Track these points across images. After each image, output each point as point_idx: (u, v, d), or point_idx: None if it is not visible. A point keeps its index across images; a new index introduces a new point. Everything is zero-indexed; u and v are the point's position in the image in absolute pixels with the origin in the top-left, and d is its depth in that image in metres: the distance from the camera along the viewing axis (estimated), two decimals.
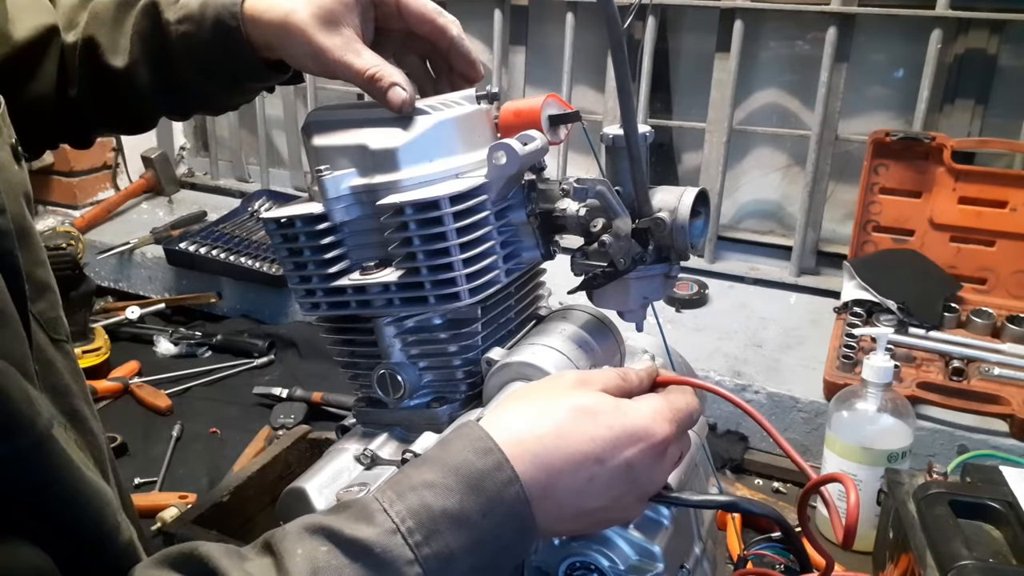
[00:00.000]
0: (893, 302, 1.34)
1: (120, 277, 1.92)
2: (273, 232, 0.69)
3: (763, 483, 1.24)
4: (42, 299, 0.59)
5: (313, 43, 0.65)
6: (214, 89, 0.75)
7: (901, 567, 0.89)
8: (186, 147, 2.32)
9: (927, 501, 0.87)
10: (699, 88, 1.66)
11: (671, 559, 0.64)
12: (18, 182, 0.57)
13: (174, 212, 2.07)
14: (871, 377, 1.05)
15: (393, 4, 0.68)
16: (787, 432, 1.28)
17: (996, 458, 1.09)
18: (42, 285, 0.60)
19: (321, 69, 0.67)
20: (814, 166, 1.54)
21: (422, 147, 0.64)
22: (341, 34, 0.65)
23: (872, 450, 1.04)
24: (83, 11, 0.74)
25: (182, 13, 0.70)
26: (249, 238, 1.82)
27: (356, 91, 0.71)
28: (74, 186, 2.09)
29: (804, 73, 1.59)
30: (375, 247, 0.67)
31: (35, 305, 0.57)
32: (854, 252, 1.46)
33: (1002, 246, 1.37)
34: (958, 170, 1.36)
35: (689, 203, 0.64)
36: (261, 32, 0.67)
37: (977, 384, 1.19)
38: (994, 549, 0.82)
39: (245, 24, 0.67)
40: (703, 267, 1.65)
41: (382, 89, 0.64)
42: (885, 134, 1.38)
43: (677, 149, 1.79)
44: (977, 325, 1.31)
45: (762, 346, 1.40)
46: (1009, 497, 0.86)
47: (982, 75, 1.46)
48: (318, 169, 0.65)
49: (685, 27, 1.70)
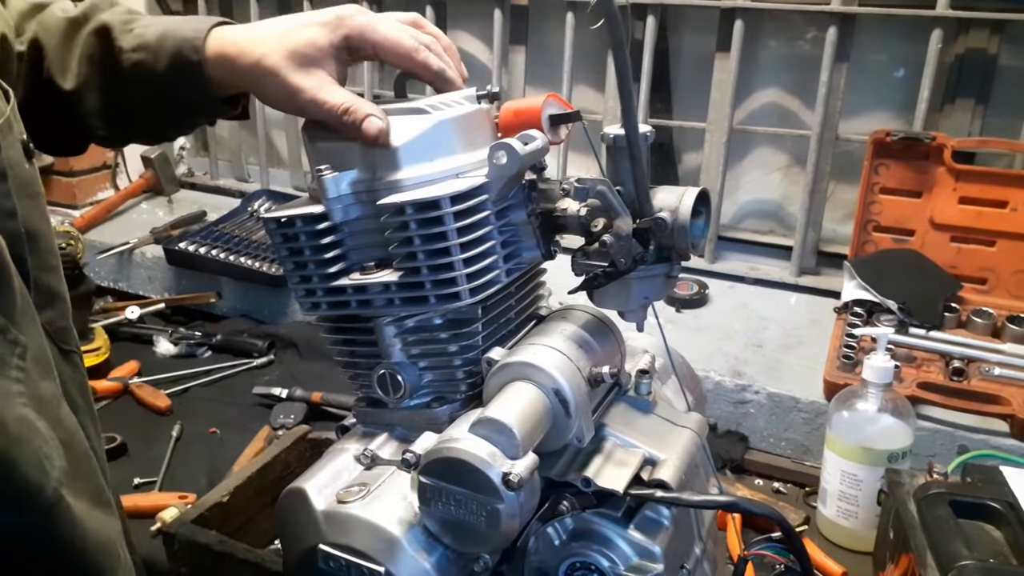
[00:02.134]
0: (893, 302, 1.34)
1: (120, 277, 1.92)
2: (273, 232, 0.68)
3: (763, 483, 1.24)
4: (50, 307, 0.58)
5: (287, 84, 0.64)
6: (157, 120, 0.74)
7: (901, 567, 0.89)
8: (186, 147, 2.32)
9: (927, 501, 0.87)
10: (699, 88, 1.66)
11: (671, 559, 0.64)
12: (29, 180, 0.56)
13: (174, 212, 2.07)
14: (871, 377, 1.05)
15: (369, 47, 0.67)
16: (787, 432, 1.28)
17: (996, 458, 1.09)
18: (51, 293, 0.58)
19: (295, 108, 0.66)
20: (814, 166, 1.54)
21: (422, 147, 0.64)
22: (314, 75, 0.65)
23: (872, 450, 1.04)
24: (31, 20, 0.72)
25: (137, 42, 0.69)
26: (249, 238, 1.82)
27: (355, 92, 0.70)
28: (74, 186, 2.09)
29: (804, 73, 1.58)
30: (375, 247, 0.67)
31: (43, 314, 0.55)
32: (854, 252, 1.46)
33: (1002, 246, 1.37)
34: (958, 170, 1.36)
35: (690, 203, 0.64)
36: (229, 73, 0.67)
37: (977, 384, 1.19)
38: (994, 549, 0.83)
39: (207, 62, 0.67)
40: (703, 267, 1.65)
41: (356, 121, 0.63)
42: (885, 134, 1.38)
43: (677, 149, 1.79)
44: (977, 325, 1.31)
45: (762, 346, 1.40)
46: (1009, 497, 0.86)
47: (982, 75, 1.45)
48: (318, 169, 0.65)
49: (685, 27, 1.70)
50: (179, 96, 0.69)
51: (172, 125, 0.77)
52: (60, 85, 0.70)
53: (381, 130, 0.63)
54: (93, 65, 0.70)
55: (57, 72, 0.71)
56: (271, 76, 0.65)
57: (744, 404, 1.30)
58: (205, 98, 0.69)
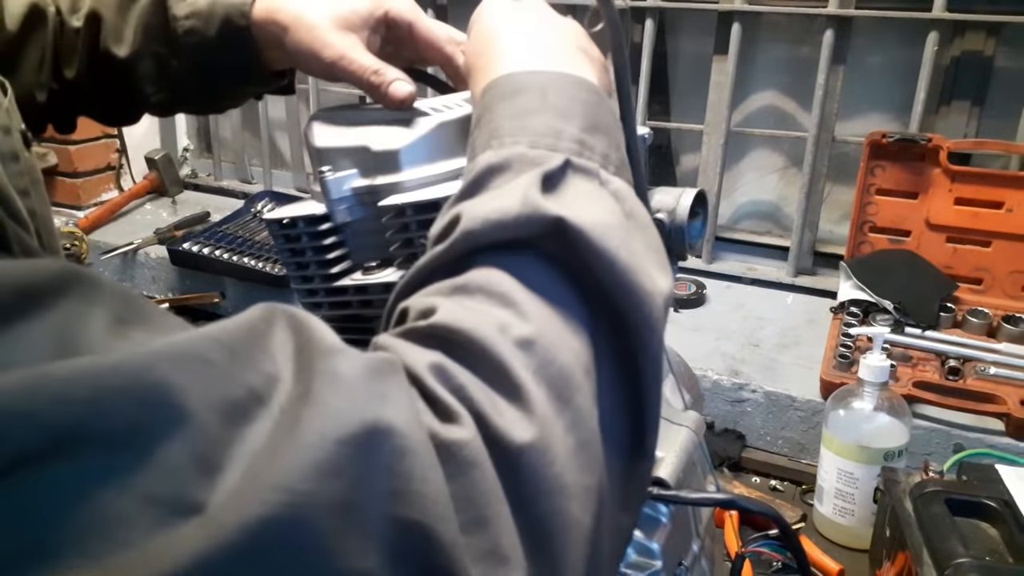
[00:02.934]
0: (889, 302, 1.35)
1: (124, 278, 1.93)
2: (276, 233, 0.69)
3: (760, 481, 1.25)
4: None
5: (323, 39, 0.66)
6: (208, 88, 0.76)
7: (898, 565, 0.90)
8: (189, 148, 2.33)
9: (923, 499, 0.87)
10: (697, 90, 1.67)
11: (669, 556, 0.65)
12: (29, 168, 0.57)
13: (177, 213, 2.08)
14: (867, 376, 1.05)
15: (406, 26, 0.70)
16: (784, 431, 1.28)
17: (992, 456, 1.09)
18: None
19: (323, 66, 0.67)
20: (811, 167, 1.55)
21: (424, 148, 0.65)
22: (349, 37, 0.67)
23: (869, 449, 1.05)
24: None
25: (189, 10, 0.71)
26: (252, 239, 1.82)
27: (358, 94, 0.72)
28: (78, 187, 2.10)
29: (801, 75, 1.59)
30: (377, 248, 0.67)
31: None
32: (851, 253, 1.47)
33: (998, 247, 1.37)
34: (954, 171, 1.37)
35: (687, 204, 0.65)
36: (271, 28, 0.68)
37: (973, 383, 1.20)
38: (990, 547, 0.83)
39: (254, 25, 0.69)
40: (701, 267, 1.66)
41: (384, 84, 0.65)
42: (882, 135, 1.39)
43: (675, 151, 1.80)
44: (973, 325, 1.32)
45: (759, 346, 1.41)
46: (1005, 495, 0.87)
47: (978, 77, 1.46)
48: (320, 170, 0.65)
49: (683, 30, 1.70)
50: (228, 63, 0.71)
51: (222, 94, 0.79)
52: (116, 54, 0.73)
53: (409, 94, 0.65)
54: (148, 33, 0.72)
55: (113, 41, 0.73)
56: (309, 30, 0.66)
57: (741, 403, 1.30)
58: (252, 65, 0.71)
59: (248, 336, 0.32)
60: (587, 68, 0.52)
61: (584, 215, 0.39)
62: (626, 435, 0.40)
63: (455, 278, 0.40)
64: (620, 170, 0.46)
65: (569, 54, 0.52)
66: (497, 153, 0.43)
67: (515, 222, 0.39)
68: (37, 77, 0.74)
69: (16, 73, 0.73)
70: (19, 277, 0.28)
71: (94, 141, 2.11)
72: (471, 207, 0.41)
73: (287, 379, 0.31)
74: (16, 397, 0.24)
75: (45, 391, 0.25)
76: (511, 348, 0.36)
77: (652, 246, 0.43)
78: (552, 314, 0.38)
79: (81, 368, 0.26)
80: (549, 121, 0.45)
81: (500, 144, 0.44)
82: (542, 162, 0.42)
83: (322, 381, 0.31)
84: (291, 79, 0.78)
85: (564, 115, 0.45)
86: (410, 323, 0.38)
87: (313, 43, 0.66)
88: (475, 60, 0.54)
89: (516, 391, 0.35)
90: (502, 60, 0.51)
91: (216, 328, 0.31)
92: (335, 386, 0.30)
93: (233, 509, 0.26)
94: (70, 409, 0.25)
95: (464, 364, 0.35)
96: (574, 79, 0.49)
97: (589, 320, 0.39)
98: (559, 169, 0.42)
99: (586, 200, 0.41)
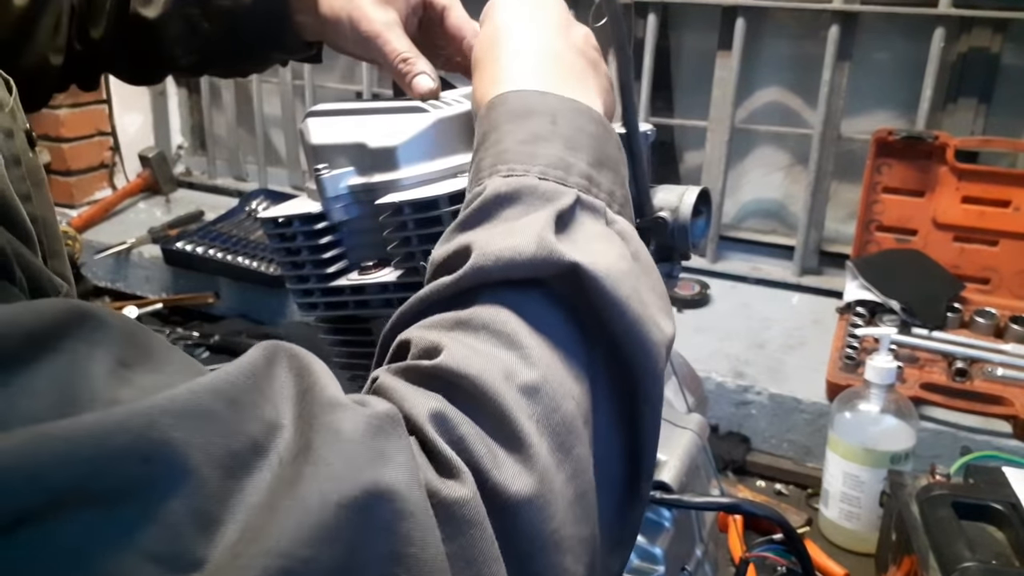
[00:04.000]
0: (896, 302, 1.33)
1: (117, 277, 1.92)
2: (271, 232, 0.68)
3: (765, 485, 1.24)
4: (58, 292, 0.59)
5: (360, 9, 0.65)
6: (237, 51, 0.76)
7: (904, 569, 0.89)
8: (183, 146, 2.31)
9: (930, 503, 0.86)
10: (701, 86, 1.65)
11: (672, 561, 0.64)
12: (35, 168, 0.56)
13: (171, 211, 2.07)
14: (874, 378, 1.04)
15: (440, 9, 0.69)
16: (789, 434, 1.27)
17: (999, 459, 1.08)
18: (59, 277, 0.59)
19: (357, 39, 0.67)
20: (816, 165, 1.53)
21: (421, 146, 0.64)
22: (388, 13, 0.66)
23: (875, 451, 1.04)
24: None
25: None
26: (247, 238, 1.81)
27: (355, 90, 0.70)
28: (71, 185, 2.08)
29: (806, 71, 1.58)
30: (374, 246, 0.66)
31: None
32: (857, 252, 1.45)
33: (1005, 246, 1.36)
34: (961, 169, 1.36)
35: (691, 202, 0.63)
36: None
37: (980, 385, 1.18)
38: (997, 551, 0.82)
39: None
40: (705, 267, 1.65)
41: (410, 74, 0.64)
42: (888, 133, 1.38)
43: (679, 148, 1.79)
44: (980, 325, 1.31)
45: (764, 347, 1.39)
46: (1012, 499, 0.86)
47: (985, 74, 1.45)
48: (316, 168, 0.64)
49: (687, 25, 1.69)
50: (259, 23, 0.71)
51: (249, 58, 0.79)
52: (145, 16, 0.73)
53: (430, 90, 0.64)
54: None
55: (141, 3, 0.73)
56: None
57: (746, 405, 1.29)
58: (284, 30, 0.71)
59: (249, 381, 0.31)
60: (594, 90, 0.51)
61: (599, 261, 0.39)
62: (621, 480, 0.40)
63: (459, 311, 0.39)
64: (624, 208, 0.46)
65: (578, 72, 0.52)
66: (507, 182, 0.43)
67: (530, 263, 0.38)
68: (53, 41, 0.73)
69: (31, 38, 0.72)
70: (24, 325, 0.28)
71: (87, 139, 2.09)
72: (483, 241, 0.40)
73: (287, 426, 0.31)
74: (19, 456, 0.25)
75: (48, 450, 0.25)
76: (515, 396, 0.35)
77: (657, 290, 0.43)
78: (557, 358, 0.38)
79: (84, 426, 0.26)
80: (559, 152, 0.44)
81: (509, 171, 0.44)
82: (553, 198, 0.42)
83: (324, 438, 0.30)
84: (319, 49, 0.77)
85: (573, 146, 0.45)
86: (411, 360, 0.38)
87: (352, 12, 0.66)
88: (483, 54, 0.54)
89: (518, 442, 0.34)
90: (511, 66, 0.50)
91: (218, 377, 0.31)
92: (337, 445, 0.30)
93: (233, 572, 0.26)
94: (72, 468, 0.25)
95: (466, 412, 0.35)
96: (583, 109, 0.48)
97: (590, 365, 0.39)
98: (570, 208, 0.42)
99: (597, 243, 0.41)
